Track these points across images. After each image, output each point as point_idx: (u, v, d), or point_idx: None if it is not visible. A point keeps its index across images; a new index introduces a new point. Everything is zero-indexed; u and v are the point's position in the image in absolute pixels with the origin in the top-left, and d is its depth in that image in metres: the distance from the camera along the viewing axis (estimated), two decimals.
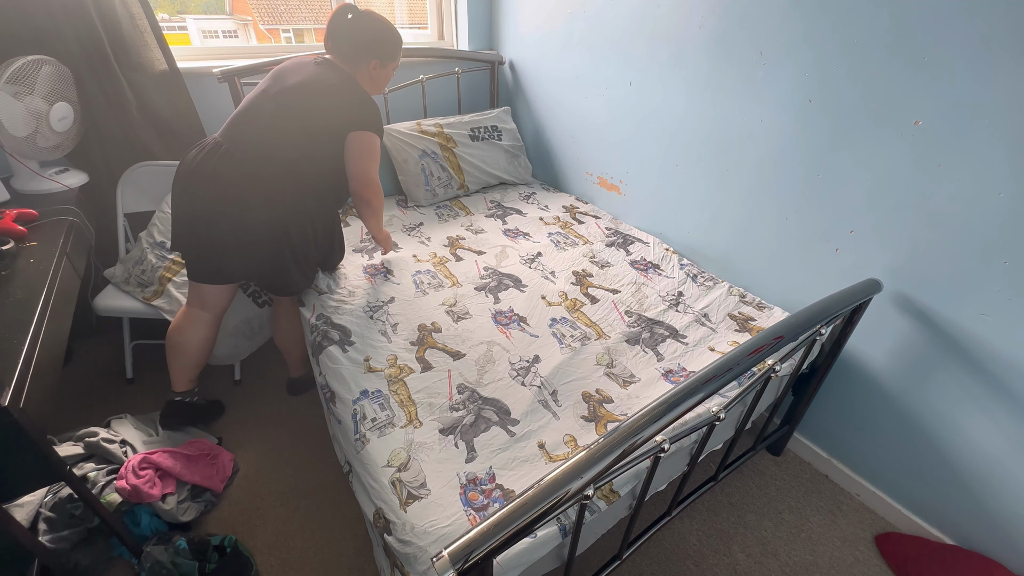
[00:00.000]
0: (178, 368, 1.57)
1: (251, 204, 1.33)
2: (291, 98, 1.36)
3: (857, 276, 1.27)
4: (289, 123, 1.35)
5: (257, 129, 1.35)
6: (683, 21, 1.59)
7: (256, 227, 1.36)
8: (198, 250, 1.39)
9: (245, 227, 1.35)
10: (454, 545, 0.64)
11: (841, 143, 1.30)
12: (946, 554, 1.30)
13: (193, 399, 1.62)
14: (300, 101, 1.36)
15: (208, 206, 1.33)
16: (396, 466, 1.04)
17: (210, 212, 1.33)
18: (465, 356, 1.34)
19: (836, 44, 1.24)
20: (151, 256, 1.70)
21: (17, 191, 1.58)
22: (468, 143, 2.25)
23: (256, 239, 1.37)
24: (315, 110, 1.37)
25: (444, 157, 2.18)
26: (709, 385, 0.87)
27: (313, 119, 1.37)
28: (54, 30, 1.52)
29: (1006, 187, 1.04)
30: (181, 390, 1.59)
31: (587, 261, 1.80)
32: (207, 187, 1.33)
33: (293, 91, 1.37)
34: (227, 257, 1.39)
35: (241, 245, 1.37)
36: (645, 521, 1.21)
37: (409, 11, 2.68)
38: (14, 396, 0.85)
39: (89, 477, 1.32)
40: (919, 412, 1.33)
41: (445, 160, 2.18)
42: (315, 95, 1.37)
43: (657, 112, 1.80)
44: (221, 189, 1.32)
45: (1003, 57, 0.99)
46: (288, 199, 1.37)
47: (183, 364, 1.56)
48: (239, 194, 1.32)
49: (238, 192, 1.32)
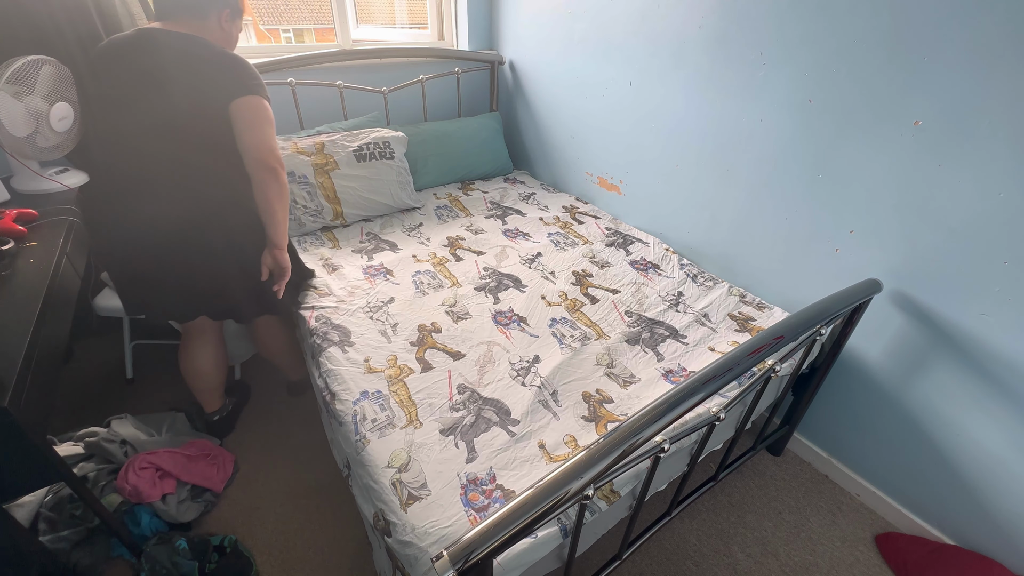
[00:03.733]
0: (203, 392, 1.58)
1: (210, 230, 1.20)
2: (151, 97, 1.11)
3: (857, 276, 1.27)
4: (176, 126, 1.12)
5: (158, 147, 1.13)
6: (683, 21, 1.59)
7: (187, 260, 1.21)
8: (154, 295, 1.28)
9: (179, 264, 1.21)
10: (454, 546, 0.64)
11: (841, 143, 1.30)
12: (946, 554, 1.31)
13: (228, 409, 1.65)
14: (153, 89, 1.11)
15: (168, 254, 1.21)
16: (396, 467, 1.04)
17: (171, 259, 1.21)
18: (465, 356, 1.34)
19: (836, 44, 1.24)
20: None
21: (17, 191, 1.57)
22: (353, 164, 1.94)
23: (193, 272, 1.23)
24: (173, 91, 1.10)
25: (318, 183, 1.87)
26: (709, 385, 0.87)
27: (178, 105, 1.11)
28: (54, 30, 1.52)
29: (1006, 187, 1.04)
30: (213, 410, 1.62)
31: (587, 261, 1.80)
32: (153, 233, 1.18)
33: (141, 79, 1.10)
34: (182, 296, 1.28)
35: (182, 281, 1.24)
36: (645, 521, 1.22)
37: (409, 11, 2.68)
38: (14, 396, 0.84)
39: (89, 477, 1.32)
40: (919, 412, 1.33)
41: (319, 186, 1.87)
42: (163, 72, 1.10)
43: (657, 112, 1.80)
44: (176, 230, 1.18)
45: (1003, 57, 0.99)
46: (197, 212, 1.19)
47: (206, 387, 1.56)
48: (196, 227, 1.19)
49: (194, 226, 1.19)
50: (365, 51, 2.17)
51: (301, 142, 1.89)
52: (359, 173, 1.96)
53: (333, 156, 1.91)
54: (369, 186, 1.99)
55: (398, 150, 2.07)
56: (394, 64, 2.28)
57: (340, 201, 1.92)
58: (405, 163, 2.10)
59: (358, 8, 2.27)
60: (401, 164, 2.08)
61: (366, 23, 2.41)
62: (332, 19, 2.19)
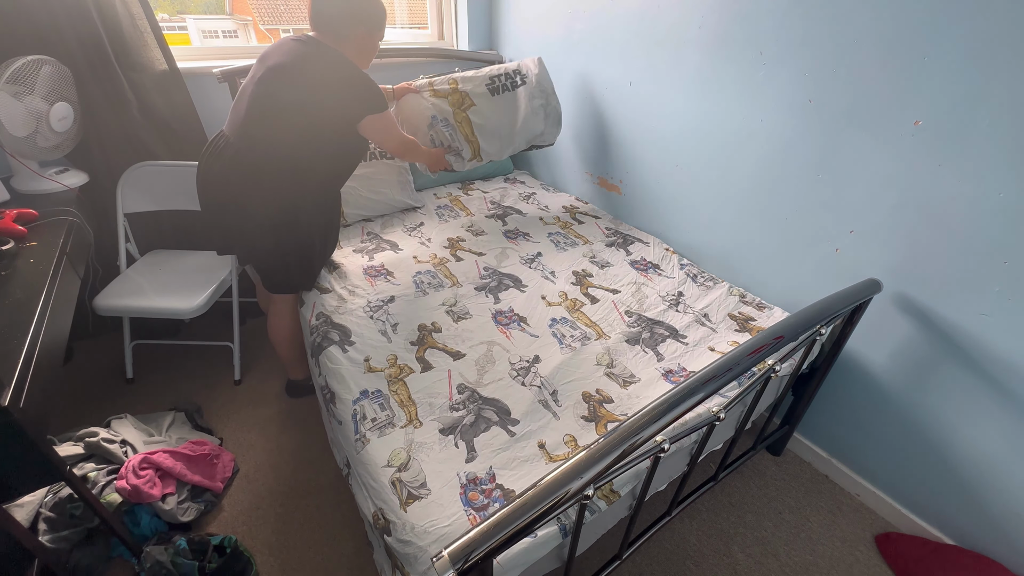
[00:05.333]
0: (284, 360, 1.77)
1: (251, 199, 1.39)
2: (274, 81, 1.31)
3: (857, 276, 1.27)
4: (280, 112, 1.32)
5: (251, 120, 1.34)
6: (683, 21, 1.59)
7: (257, 221, 1.41)
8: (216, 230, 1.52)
9: (247, 221, 1.42)
10: (454, 545, 0.64)
11: (841, 143, 1.30)
12: (946, 554, 1.31)
13: (309, 383, 1.80)
14: (284, 85, 1.31)
15: (216, 200, 1.45)
16: (396, 466, 1.04)
17: (218, 205, 1.45)
18: (465, 356, 1.34)
19: (836, 44, 1.24)
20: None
21: (17, 191, 1.58)
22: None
23: (258, 233, 1.43)
24: (309, 100, 1.31)
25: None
26: (709, 385, 0.87)
27: (310, 110, 1.32)
28: (54, 30, 1.52)
29: (1006, 187, 1.04)
30: (295, 378, 1.82)
31: (587, 261, 1.80)
32: (212, 184, 1.43)
33: (274, 72, 1.31)
34: (236, 244, 1.53)
35: (244, 237, 1.47)
36: (645, 521, 1.21)
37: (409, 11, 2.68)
38: (14, 396, 0.84)
39: (89, 477, 1.32)
40: (919, 412, 1.33)
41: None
42: (303, 81, 1.30)
43: (657, 112, 1.80)
44: (222, 187, 1.41)
45: (1003, 57, 0.99)
46: (287, 192, 1.39)
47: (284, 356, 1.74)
48: (237, 191, 1.39)
49: (236, 189, 1.39)
50: None
51: None
52: (360, 172, 1.96)
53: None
54: (370, 186, 2.00)
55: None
56: (394, 64, 2.28)
57: (341, 201, 1.92)
58: (405, 163, 2.10)
59: None
60: (402, 164, 2.09)
61: None
62: None
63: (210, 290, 1.69)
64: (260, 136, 1.34)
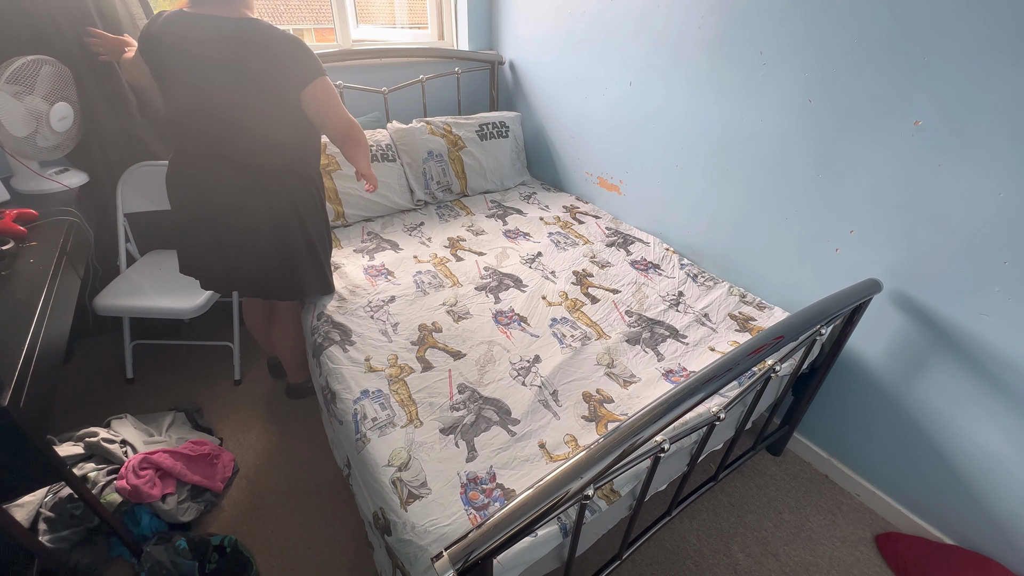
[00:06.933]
0: (285, 364, 1.76)
1: (246, 206, 1.29)
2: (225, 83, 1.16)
3: (857, 276, 1.27)
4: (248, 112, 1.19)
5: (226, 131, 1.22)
6: (683, 21, 1.59)
7: (257, 226, 1.30)
8: (204, 261, 1.39)
9: (244, 230, 1.31)
10: (455, 545, 0.64)
11: (841, 143, 1.30)
12: (946, 554, 1.31)
13: (309, 385, 1.78)
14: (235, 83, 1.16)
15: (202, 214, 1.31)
16: (397, 466, 1.04)
17: (206, 220, 1.31)
18: (466, 356, 1.34)
19: (836, 44, 1.24)
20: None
21: (17, 191, 1.58)
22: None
23: (258, 239, 1.32)
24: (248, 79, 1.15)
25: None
26: (709, 385, 0.87)
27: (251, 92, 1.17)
28: (54, 30, 1.52)
29: (1006, 187, 1.04)
30: (295, 381, 1.80)
31: (587, 261, 1.80)
32: (196, 198, 1.30)
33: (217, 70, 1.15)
34: (234, 265, 1.36)
35: (242, 249, 1.33)
36: (645, 521, 1.22)
37: (409, 11, 2.67)
38: (14, 396, 0.84)
39: (89, 477, 1.32)
40: (919, 412, 1.33)
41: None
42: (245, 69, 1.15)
43: (657, 112, 1.80)
44: (208, 199, 1.28)
45: (1003, 57, 0.99)
46: (279, 191, 1.30)
47: (284, 361, 1.74)
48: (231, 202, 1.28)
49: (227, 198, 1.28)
50: (365, 51, 2.17)
51: None
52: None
53: (335, 157, 1.91)
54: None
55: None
56: (394, 64, 2.28)
57: (341, 201, 1.93)
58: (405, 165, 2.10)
59: (358, 8, 2.27)
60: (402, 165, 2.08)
61: (366, 23, 2.40)
62: (332, 19, 2.19)
63: (210, 290, 1.69)
64: (240, 143, 1.23)
